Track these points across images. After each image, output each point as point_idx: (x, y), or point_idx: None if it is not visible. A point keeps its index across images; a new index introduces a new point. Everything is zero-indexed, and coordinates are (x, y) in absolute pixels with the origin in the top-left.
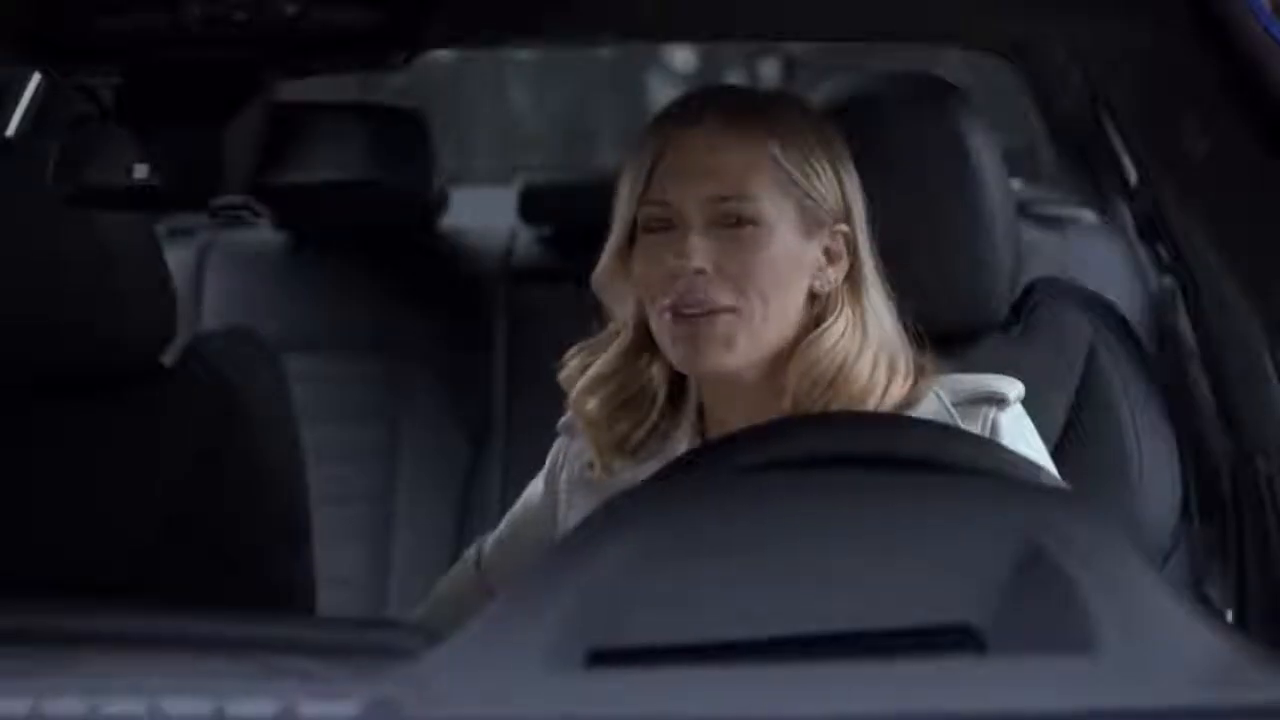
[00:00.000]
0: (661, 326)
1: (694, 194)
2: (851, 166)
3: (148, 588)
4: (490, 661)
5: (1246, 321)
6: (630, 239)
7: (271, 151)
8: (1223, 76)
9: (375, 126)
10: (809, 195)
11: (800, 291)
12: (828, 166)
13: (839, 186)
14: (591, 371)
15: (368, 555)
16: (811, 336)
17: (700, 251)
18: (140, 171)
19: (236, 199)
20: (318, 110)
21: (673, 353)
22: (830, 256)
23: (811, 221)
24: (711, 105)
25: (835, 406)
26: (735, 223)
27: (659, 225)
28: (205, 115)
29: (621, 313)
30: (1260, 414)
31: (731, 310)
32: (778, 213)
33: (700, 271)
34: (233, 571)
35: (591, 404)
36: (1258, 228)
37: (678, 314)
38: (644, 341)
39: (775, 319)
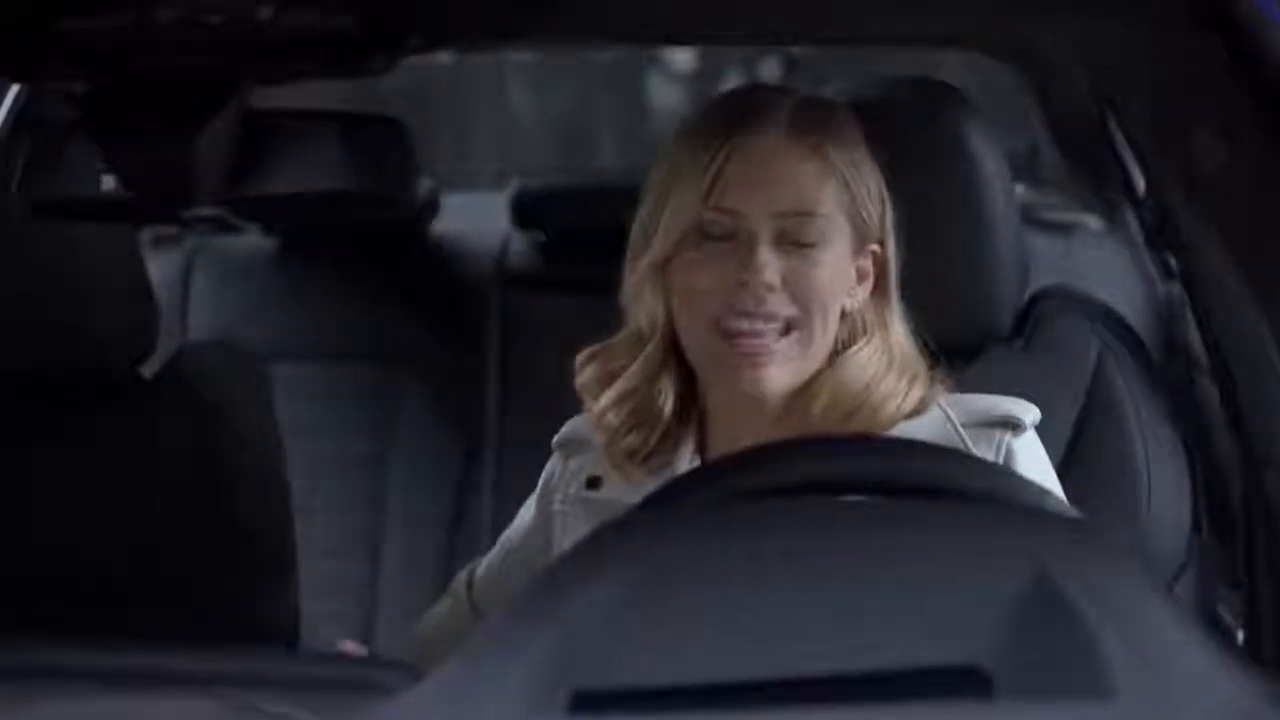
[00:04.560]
0: (707, 343)
1: (765, 206)
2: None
3: (119, 611)
4: (469, 703)
5: (1257, 331)
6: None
7: (245, 161)
8: (1232, 75)
9: (351, 134)
10: (861, 215)
11: (838, 311)
12: (875, 185)
13: (882, 205)
14: (617, 389)
15: (359, 564)
16: (843, 357)
17: (770, 265)
18: (109, 182)
19: (209, 210)
20: (292, 118)
21: (719, 374)
22: (860, 275)
23: (859, 240)
24: (775, 109)
25: (854, 424)
26: (799, 238)
27: (718, 234)
28: (176, 123)
29: (650, 324)
30: (1270, 426)
31: (790, 330)
32: (837, 230)
33: (770, 287)
34: (214, 588)
35: (611, 416)
36: (1271, 234)
37: (732, 334)
38: (669, 354)
39: (824, 338)
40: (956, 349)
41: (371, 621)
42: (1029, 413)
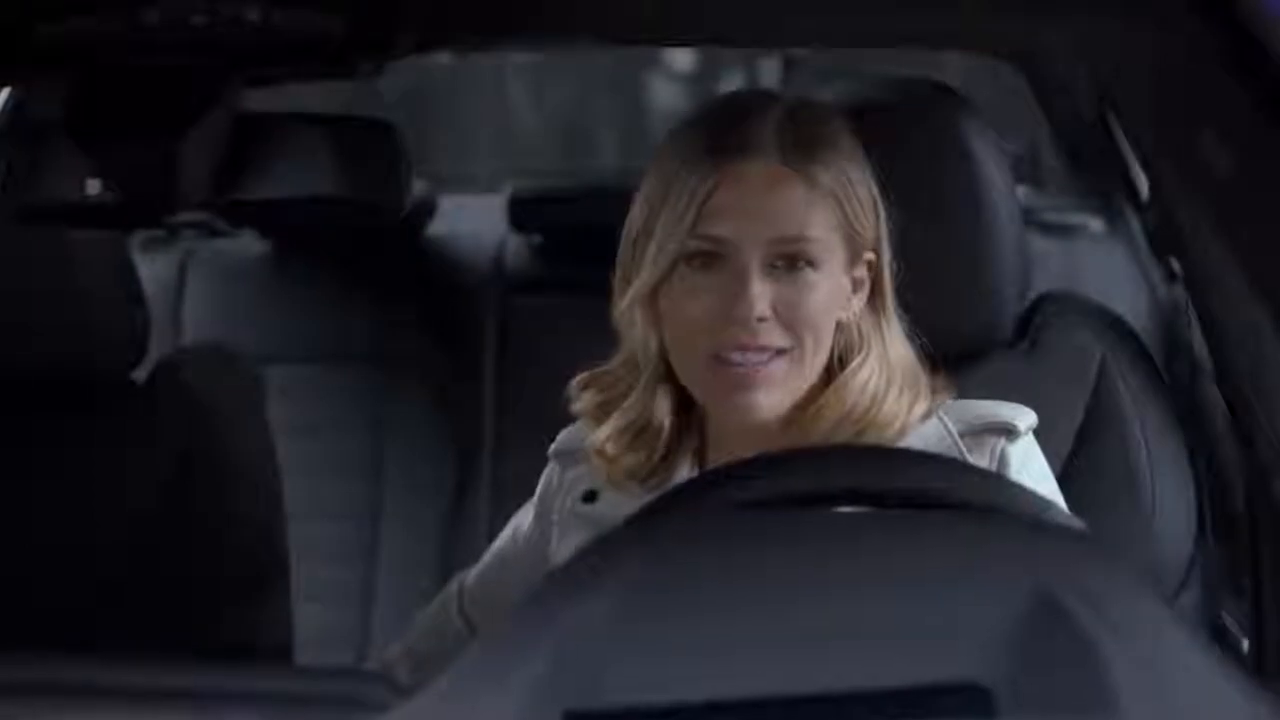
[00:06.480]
0: (698, 371)
1: (754, 234)
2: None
3: (114, 615)
4: None
5: (1261, 333)
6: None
7: (234, 165)
8: (1233, 75)
9: (343, 138)
10: (855, 230)
11: (833, 326)
12: (867, 195)
13: (875, 215)
14: (616, 421)
15: (355, 565)
16: (841, 378)
17: (762, 298)
18: (93, 186)
19: (197, 215)
20: (282, 122)
21: (712, 399)
22: (855, 285)
23: (853, 254)
24: (762, 130)
25: (860, 440)
26: (791, 264)
27: (706, 263)
28: (161, 126)
29: (644, 350)
30: (1276, 430)
31: (783, 354)
32: (830, 251)
33: (762, 318)
34: (208, 588)
35: (610, 446)
36: (1274, 234)
37: (725, 361)
38: (665, 378)
39: (818, 355)
40: (958, 352)
41: (367, 623)
42: (1025, 418)
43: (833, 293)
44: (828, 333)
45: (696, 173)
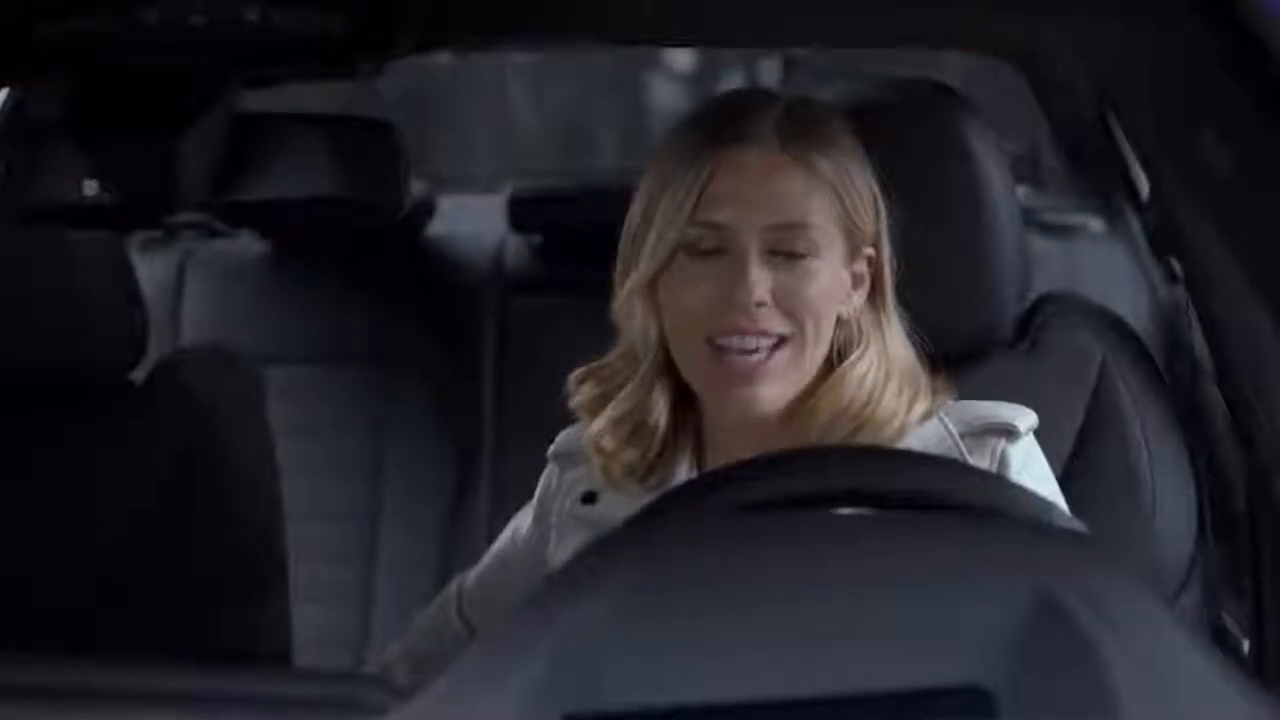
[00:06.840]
0: (697, 361)
1: (753, 220)
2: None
3: (114, 615)
4: None
5: (1261, 333)
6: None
7: (233, 165)
8: (1233, 75)
9: (341, 139)
10: (855, 224)
11: (833, 319)
12: (867, 191)
13: (875, 211)
14: (612, 412)
15: (355, 566)
16: (840, 370)
17: (761, 283)
18: (90, 187)
19: (196, 216)
20: (281, 122)
21: (711, 393)
22: (855, 280)
23: (852, 248)
24: (760, 121)
25: (859, 437)
26: (790, 251)
27: (706, 250)
28: (160, 126)
29: (643, 342)
30: (1276, 430)
31: (783, 344)
32: (829, 241)
33: (761, 303)
34: (207, 588)
35: (607, 439)
36: (1274, 234)
37: (725, 351)
38: (663, 371)
39: (818, 348)
40: (958, 352)
41: (366, 624)
42: (1025, 419)
43: (832, 283)
44: (827, 323)
45: (695, 161)
